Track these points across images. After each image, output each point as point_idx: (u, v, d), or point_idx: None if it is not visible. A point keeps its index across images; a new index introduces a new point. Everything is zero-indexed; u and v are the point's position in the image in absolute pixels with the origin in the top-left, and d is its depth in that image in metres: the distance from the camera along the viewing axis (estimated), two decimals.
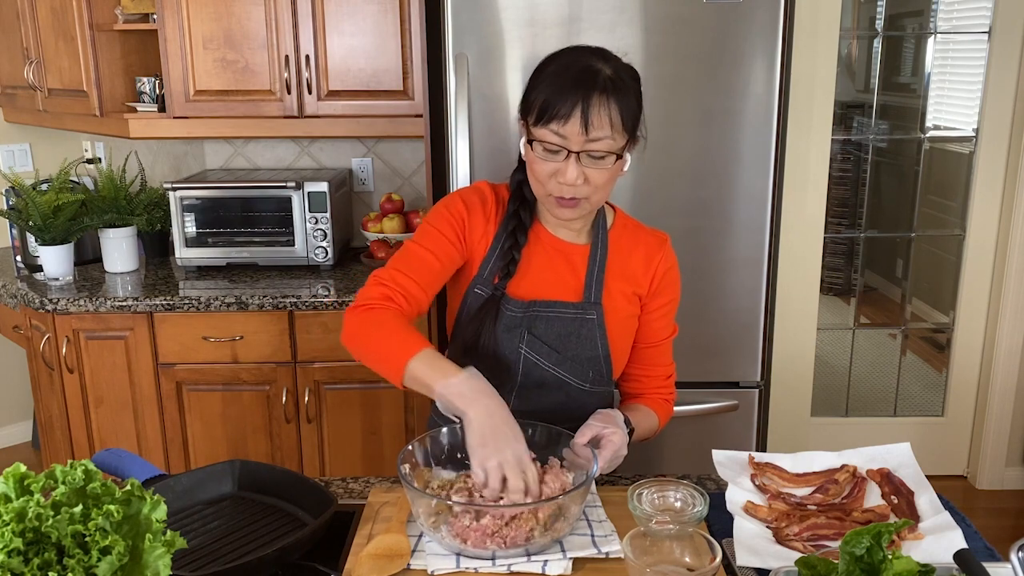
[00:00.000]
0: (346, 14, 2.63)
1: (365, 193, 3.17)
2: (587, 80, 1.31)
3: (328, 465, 2.68)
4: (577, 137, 1.31)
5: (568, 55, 1.37)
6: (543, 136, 1.33)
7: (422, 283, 1.40)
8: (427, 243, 1.44)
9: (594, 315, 1.47)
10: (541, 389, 1.49)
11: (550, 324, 1.46)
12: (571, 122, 1.30)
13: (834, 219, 3.73)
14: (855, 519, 1.27)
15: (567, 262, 1.48)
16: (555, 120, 1.31)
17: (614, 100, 1.31)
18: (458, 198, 1.48)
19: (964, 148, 3.41)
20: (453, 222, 1.45)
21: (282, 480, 1.38)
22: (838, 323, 3.74)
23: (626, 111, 1.33)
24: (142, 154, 3.15)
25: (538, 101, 1.33)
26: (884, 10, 3.66)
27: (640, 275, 1.51)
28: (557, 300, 1.46)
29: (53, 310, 2.56)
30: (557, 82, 1.32)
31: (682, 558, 1.14)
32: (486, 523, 1.19)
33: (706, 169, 2.32)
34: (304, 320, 2.57)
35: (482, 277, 1.46)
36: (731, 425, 2.45)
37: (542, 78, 1.35)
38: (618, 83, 1.33)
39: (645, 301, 1.52)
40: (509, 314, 1.45)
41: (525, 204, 1.45)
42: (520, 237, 1.44)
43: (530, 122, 1.35)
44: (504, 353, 1.46)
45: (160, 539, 0.92)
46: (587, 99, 1.30)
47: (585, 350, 1.48)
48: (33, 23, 2.94)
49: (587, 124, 1.30)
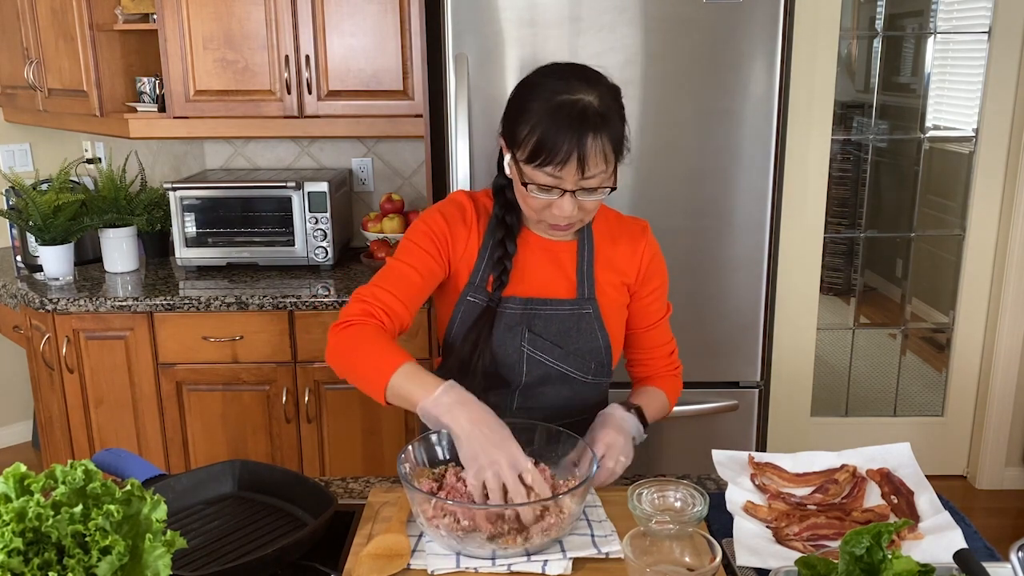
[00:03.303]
0: (346, 14, 2.63)
1: (365, 193, 3.17)
2: (579, 121, 1.28)
3: (328, 465, 2.69)
4: (572, 177, 1.31)
5: (551, 84, 1.33)
6: (537, 178, 1.33)
7: (403, 299, 1.41)
8: (408, 259, 1.44)
9: (590, 310, 1.49)
10: (544, 386, 1.49)
11: (549, 322, 1.47)
12: (567, 167, 1.30)
13: (834, 219, 3.73)
14: (855, 519, 1.27)
15: (556, 259, 1.49)
16: (550, 164, 1.30)
17: (606, 135, 1.30)
18: (437, 212, 1.48)
19: (964, 148, 3.41)
20: (433, 236, 1.46)
21: (282, 480, 1.38)
22: (838, 323, 3.74)
23: (616, 139, 1.33)
24: (142, 154, 3.15)
25: (529, 142, 1.31)
26: (884, 10, 3.66)
27: (627, 265, 1.52)
28: (553, 298, 1.48)
29: (53, 310, 2.56)
30: (547, 123, 1.29)
31: (682, 558, 1.14)
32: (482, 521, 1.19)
33: (706, 169, 2.32)
34: (304, 320, 2.57)
35: (474, 285, 1.47)
36: (731, 425, 2.45)
37: (529, 116, 1.32)
38: (606, 115, 1.31)
39: (635, 289, 1.54)
40: (508, 312, 1.46)
41: (510, 209, 1.46)
42: (510, 245, 1.45)
43: (519, 158, 1.34)
44: (507, 353, 1.46)
45: (160, 539, 0.92)
46: (582, 142, 1.28)
47: (586, 343, 1.49)
48: (33, 23, 2.94)
49: (584, 167, 1.30)
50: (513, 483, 1.19)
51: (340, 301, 2.54)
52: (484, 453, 1.20)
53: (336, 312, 2.53)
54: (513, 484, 1.19)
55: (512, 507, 1.19)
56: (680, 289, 2.39)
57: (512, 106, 1.37)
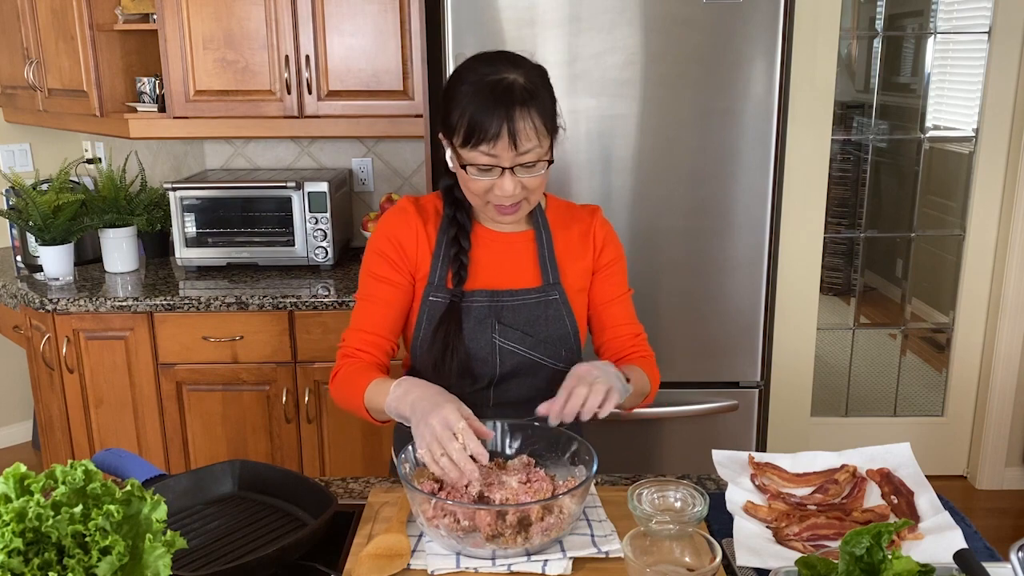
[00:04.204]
0: (346, 14, 2.63)
1: (365, 193, 3.17)
2: (505, 96, 1.33)
3: (328, 465, 2.69)
4: (507, 153, 1.34)
5: (478, 68, 1.38)
6: (474, 159, 1.36)
7: (378, 330, 1.49)
8: (366, 292, 1.51)
9: (556, 295, 1.51)
10: (518, 377, 1.50)
11: (517, 311, 1.49)
12: (500, 143, 1.33)
13: (834, 219, 3.73)
14: (855, 519, 1.27)
15: (515, 252, 1.51)
16: (484, 143, 1.34)
17: (534, 109, 1.34)
18: (379, 232, 1.52)
19: (964, 148, 3.41)
20: (385, 257, 1.50)
21: (282, 480, 1.38)
22: (838, 323, 3.75)
23: (546, 115, 1.37)
24: (142, 154, 3.15)
25: (462, 124, 1.35)
26: (884, 10, 3.66)
27: (583, 247, 1.55)
28: (519, 288, 1.50)
29: (53, 310, 2.56)
30: (476, 102, 1.34)
31: (682, 558, 1.14)
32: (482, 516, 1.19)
33: (706, 169, 2.32)
34: (304, 320, 2.57)
35: (434, 284, 1.49)
36: (731, 425, 2.45)
37: (459, 98, 1.37)
38: (533, 91, 1.36)
39: (594, 268, 1.56)
40: (477, 307, 1.47)
41: (460, 207, 1.49)
42: (464, 242, 1.48)
43: (456, 143, 1.38)
44: (479, 347, 1.47)
45: (160, 539, 0.92)
46: (510, 116, 1.32)
47: (555, 329, 1.50)
48: (33, 23, 2.94)
49: (515, 141, 1.33)
50: (449, 447, 1.20)
51: (340, 301, 2.54)
52: (422, 423, 1.24)
53: (336, 312, 2.55)
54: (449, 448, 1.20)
55: (512, 507, 1.19)
56: (680, 289, 2.42)
57: (445, 96, 1.41)
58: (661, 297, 2.40)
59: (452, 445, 1.20)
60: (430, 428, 1.22)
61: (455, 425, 1.21)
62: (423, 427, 1.23)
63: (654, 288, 2.38)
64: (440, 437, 1.21)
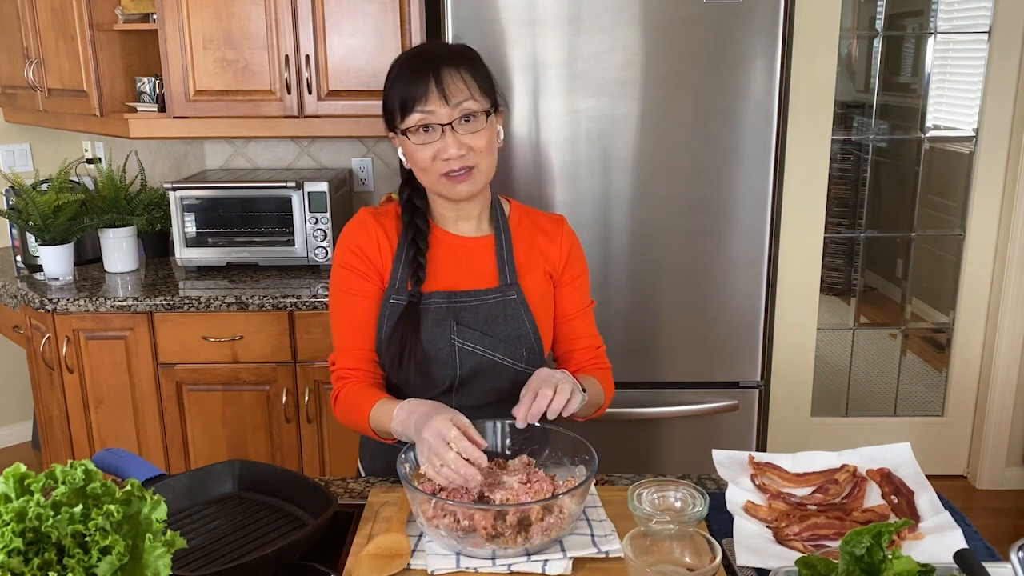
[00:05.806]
0: (346, 14, 2.63)
1: (365, 193, 3.17)
2: (430, 58, 1.40)
3: (328, 465, 2.69)
4: (442, 109, 1.38)
5: (406, 52, 1.47)
6: (412, 123, 1.40)
7: (363, 347, 1.50)
8: (346, 310, 1.52)
9: (514, 295, 1.51)
10: (480, 379, 1.50)
11: (475, 312, 1.49)
12: (431, 99, 1.37)
13: (834, 219, 3.74)
14: (855, 519, 1.27)
15: (474, 255, 1.52)
16: (416, 103, 1.38)
17: (463, 66, 1.40)
18: (341, 246, 1.53)
19: (964, 148, 3.41)
20: (352, 269, 1.51)
21: (282, 480, 1.38)
22: (838, 323, 3.75)
23: (478, 75, 1.42)
24: (142, 154, 3.15)
25: (395, 98, 1.41)
26: (884, 10, 3.66)
27: (548, 254, 1.56)
28: (476, 289, 1.50)
29: (53, 310, 2.56)
30: (403, 73, 1.41)
31: (682, 558, 1.13)
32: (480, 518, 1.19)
33: (706, 169, 2.32)
34: (304, 320, 2.57)
35: (395, 287, 1.49)
36: (731, 425, 2.45)
37: (390, 82, 1.43)
38: (460, 54, 1.43)
39: (557, 277, 1.57)
40: (435, 308, 1.48)
41: (418, 212, 1.51)
42: (421, 243, 1.49)
43: (397, 124, 1.42)
44: (438, 349, 1.47)
45: (160, 539, 0.92)
46: (437, 73, 1.38)
47: (514, 329, 1.50)
48: (33, 23, 2.94)
49: (445, 94, 1.37)
50: (445, 456, 1.21)
51: None
52: (419, 439, 1.26)
53: None
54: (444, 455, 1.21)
55: (513, 507, 1.19)
56: (680, 289, 2.42)
57: (383, 93, 1.45)
58: (661, 297, 2.40)
59: (447, 455, 1.21)
60: (425, 442, 1.24)
61: (447, 434, 1.23)
62: (419, 442, 1.26)
63: (654, 288, 2.38)
64: (435, 449, 1.22)
